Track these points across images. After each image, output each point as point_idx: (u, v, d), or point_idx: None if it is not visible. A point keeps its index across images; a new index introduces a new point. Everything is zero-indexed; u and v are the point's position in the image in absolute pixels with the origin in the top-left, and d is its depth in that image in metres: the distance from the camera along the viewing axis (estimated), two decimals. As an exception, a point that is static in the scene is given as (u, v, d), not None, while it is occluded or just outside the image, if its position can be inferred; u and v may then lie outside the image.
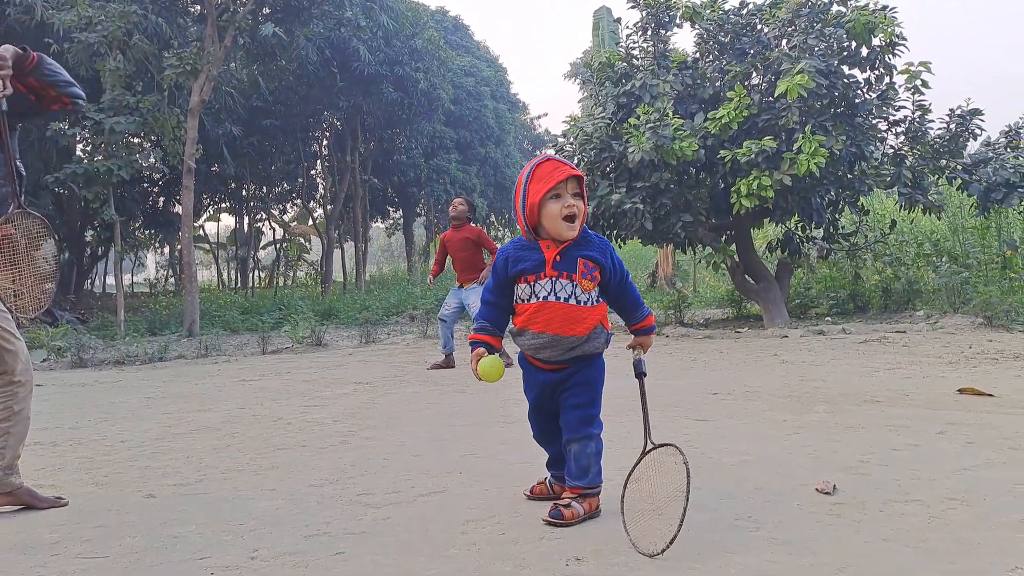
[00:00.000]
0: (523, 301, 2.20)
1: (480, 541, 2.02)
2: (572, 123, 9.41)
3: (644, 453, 2.13)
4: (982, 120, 8.69)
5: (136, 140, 13.64)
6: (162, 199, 20.86)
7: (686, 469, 1.91)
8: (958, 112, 8.73)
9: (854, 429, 3.28)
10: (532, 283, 2.17)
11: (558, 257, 2.15)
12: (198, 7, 13.65)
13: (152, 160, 11.78)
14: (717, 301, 12.45)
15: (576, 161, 9.40)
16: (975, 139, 8.96)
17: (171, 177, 16.81)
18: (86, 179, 10.74)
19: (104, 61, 10.69)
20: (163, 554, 2.00)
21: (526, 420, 3.76)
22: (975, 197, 8.76)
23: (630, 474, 2.14)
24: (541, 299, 2.15)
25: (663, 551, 1.83)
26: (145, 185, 19.54)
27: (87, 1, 10.70)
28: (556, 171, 2.13)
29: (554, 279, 2.14)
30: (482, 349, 2.23)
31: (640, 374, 2.26)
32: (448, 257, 6.62)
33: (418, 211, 27.45)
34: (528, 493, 2.43)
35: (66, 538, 2.16)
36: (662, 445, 2.08)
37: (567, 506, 2.14)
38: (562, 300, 2.14)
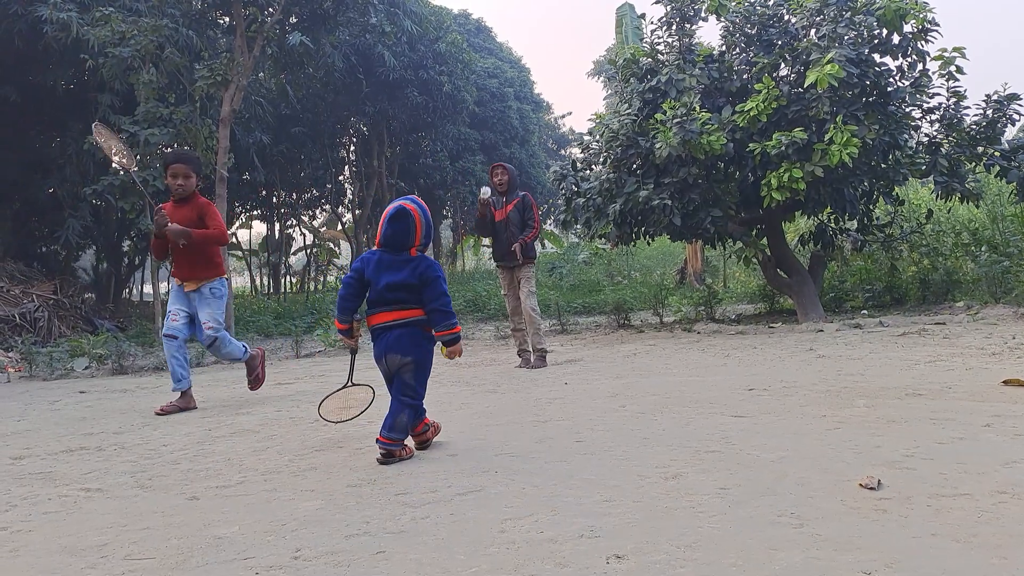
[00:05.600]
0: None
1: (518, 539, 2.02)
2: (598, 121, 9.37)
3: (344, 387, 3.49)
4: (1020, 105, 8.43)
5: (170, 151, 13.92)
6: (196, 208, 21.23)
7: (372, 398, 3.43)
8: (995, 97, 8.49)
9: (896, 423, 3.21)
10: None
11: None
12: (227, 19, 13.89)
13: (186, 170, 12.00)
14: (749, 296, 12.29)
15: (603, 158, 9.36)
16: (1013, 125, 8.69)
17: (204, 186, 17.08)
18: (122, 190, 11.00)
19: (138, 74, 10.94)
20: (208, 554, 2.04)
21: (560, 419, 3.77)
22: (1014, 184, 8.51)
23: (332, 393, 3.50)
24: None
25: (336, 422, 3.47)
26: (179, 195, 19.90)
27: (120, 16, 10.97)
28: None
29: None
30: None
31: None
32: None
33: (444, 213, 27.60)
34: None
35: (113, 540, 2.21)
36: (359, 384, 3.47)
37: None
38: None
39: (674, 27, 9.23)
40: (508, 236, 6.28)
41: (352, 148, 24.49)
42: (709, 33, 21.64)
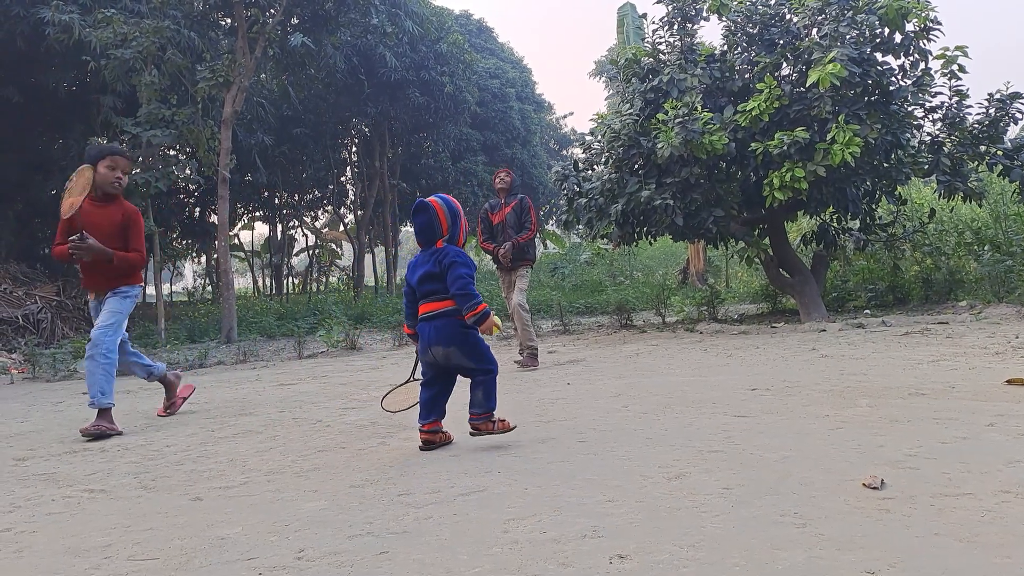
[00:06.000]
0: None
1: (521, 539, 2.02)
2: (599, 121, 9.37)
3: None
4: (1022, 104, 8.43)
5: (172, 152, 13.97)
6: (198, 209, 21.32)
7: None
8: (997, 96, 8.48)
9: (899, 423, 3.21)
10: None
11: None
12: (229, 20, 13.92)
13: (188, 171, 12.05)
14: (751, 296, 12.28)
15: (604, 158, 9.36)
16: (1015, 124, 8.69)
17: (207, 187, 17.16)
18: (125, 191, 11.01)
19: (140, 76, 10.97)
20: (212, 555, 2.04)
21: (563, 419, 3.76)
22: (1017, 183, 8.50)
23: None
24: None
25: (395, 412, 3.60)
26: (182, 196, 19.99)
27: (122, 18, 10.99)
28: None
29: None
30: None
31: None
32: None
33: (446, 214, 27.57)
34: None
35: (117, 541, 2.21)
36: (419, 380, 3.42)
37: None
38: None
39: (676, 27, 9.23)
40: (505, 238, 6.34)
41: (354, 149, 24.51)
42: (711, 33, 21.77)
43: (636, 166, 8.92)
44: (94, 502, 2.68)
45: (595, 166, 9.80)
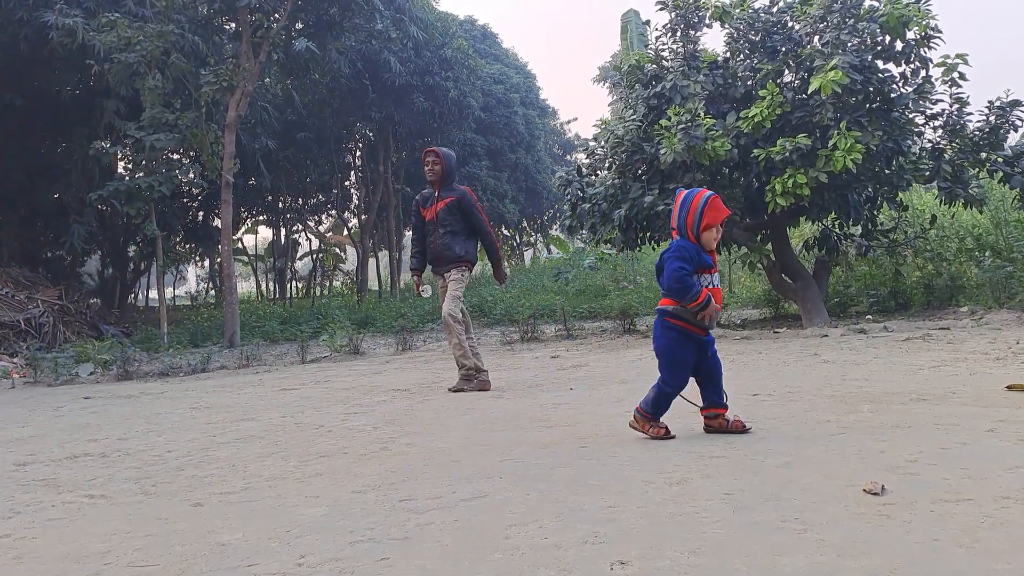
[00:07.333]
0: (704, 286, 3.18)
1: (523, 545, 2.02)
2: (603, 126, 9.39)
3: None
4: (1022, 111, 8.43)
5: (176, 156, 14.01)
6: (201, 213, 21.37)
7: None
8: (997, 104, 8.49)
9: (901, 428, 3.21)
10: (710, 274, 3.23)
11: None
12: (233, 25, 13.99)
13: (191, 175, 12.11)
14: (753, 301, 12.27)
15: (608, 164, 9.37)
16: (1016, 131, 8.69)
17: (210, 191, 17.20)
18: (128, 195, 11.06)
19: (143, 80, 11.02)
20: (212, 561, 2.05)
21: (565, 424, 3.76)
22: (1017, 190, 8.50)
23: None
24: (714, 285, 3.23)
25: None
26: (185, 200, 20.05)
27: (126, 22, 11.04)
28: (723, 211, 3.21)
29: (714, 273, 3.27)
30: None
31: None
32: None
33: (449, 219, 27.58)
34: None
35: (117, 547, 2.21)
36: None
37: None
38: (719, 287, 3.29)
39: (678, 34, 9.25)
40: (437, 239, 5.35)
41: (358, 153, 24.56)
42: (713, 40, 21.77)
43: (639, 172, 8.94)
44: (94, 508, 2.69)
45: (599, 171, 9.82)
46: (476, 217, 5.38)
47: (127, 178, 12.14)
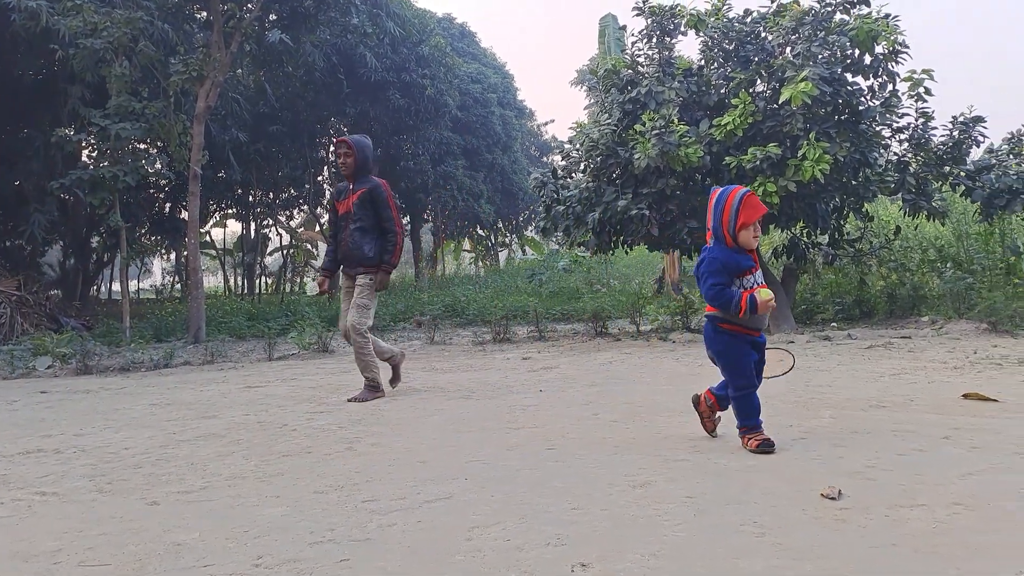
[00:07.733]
0: (747, 288, 3.07)
1: (485, 547, 2.02)
2: (578, 129, 9.43)
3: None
4: (984, 127, 8.65)
5: (142, 146, 13.70)
6: (168, 205, 20.96)
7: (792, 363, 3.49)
8: (961, 119, 8.70)
9: (860, 434, 3.27)
10: (752, 274, 3.10)
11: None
12: (204, 13, 13.74)
13: (158, 166, 11.83)
14: (722, 307, 12.41)
15: (583, 167, 9.40)
16: (978, 146, 8.92)
17: (177, 183, 16.87)
18: (92, 185, 10.78)
19: (110, 67, 10.75)
20: (167, 561, 2.00)
21: (533, 426, 3.76)
22: (978, 203, 8.73)
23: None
24: (757, 284, 3.10)
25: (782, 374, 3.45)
26: (151, 191, 19.63)
27: (93, 7, 10.77)
28: (759, 208, 3.07)
29: (756, 272, 3.13)
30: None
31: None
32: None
33: (425, 217, 27.50)
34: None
35: (68, 546, 2.16)
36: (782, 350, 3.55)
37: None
38: (764, 284, 3.13)
39: (654, 40, 9.32)
40: (347, 235, 4.97)
41: (332, 148, 24.30)
42: (688, 47, 21.94)
43: (613, 175, 8.98)
44: (46, 505, 2.61)
45: (573, 174, 9.85)
46: (385, 211, 4.97)
47: (91, 167, 11.85)
